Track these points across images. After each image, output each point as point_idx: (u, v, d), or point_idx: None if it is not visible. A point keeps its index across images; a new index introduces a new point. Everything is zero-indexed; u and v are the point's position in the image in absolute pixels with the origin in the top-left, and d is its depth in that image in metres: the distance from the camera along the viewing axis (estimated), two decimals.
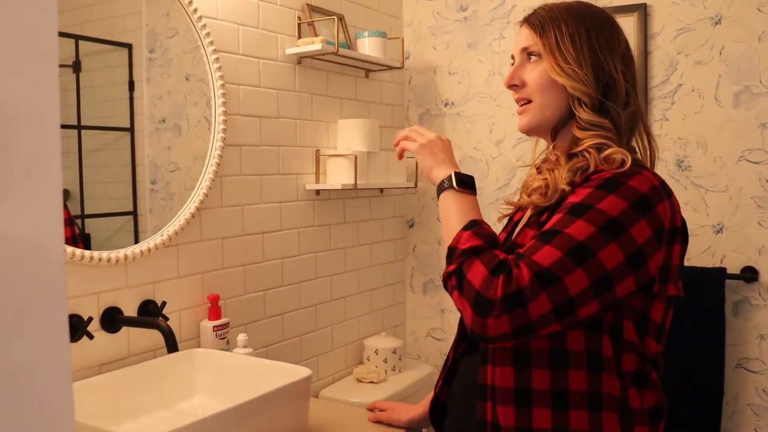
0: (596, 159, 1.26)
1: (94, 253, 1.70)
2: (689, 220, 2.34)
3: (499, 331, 1.13)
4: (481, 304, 1.13)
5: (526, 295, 1.11)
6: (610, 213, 1.16)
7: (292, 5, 2.34)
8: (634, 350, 1.24)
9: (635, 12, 2.40)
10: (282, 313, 2.32)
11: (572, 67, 1.30)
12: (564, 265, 1.12)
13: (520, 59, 1.38)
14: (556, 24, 1.33)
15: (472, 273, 1.16)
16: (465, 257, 1.19)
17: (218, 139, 2.02)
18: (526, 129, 1.40)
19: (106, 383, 1.63)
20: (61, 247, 0.49)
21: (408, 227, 3.00)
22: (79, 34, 1.75)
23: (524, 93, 1.37)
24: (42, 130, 0.47)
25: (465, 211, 1.29)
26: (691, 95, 2.35)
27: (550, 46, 1.32)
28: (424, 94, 2.93)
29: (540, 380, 1.21)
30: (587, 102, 1.30)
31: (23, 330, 0.46)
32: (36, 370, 0.47)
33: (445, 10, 2.85)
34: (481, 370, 1.28)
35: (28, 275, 0.46)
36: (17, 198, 0.45)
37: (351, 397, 2.39)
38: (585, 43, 1.31)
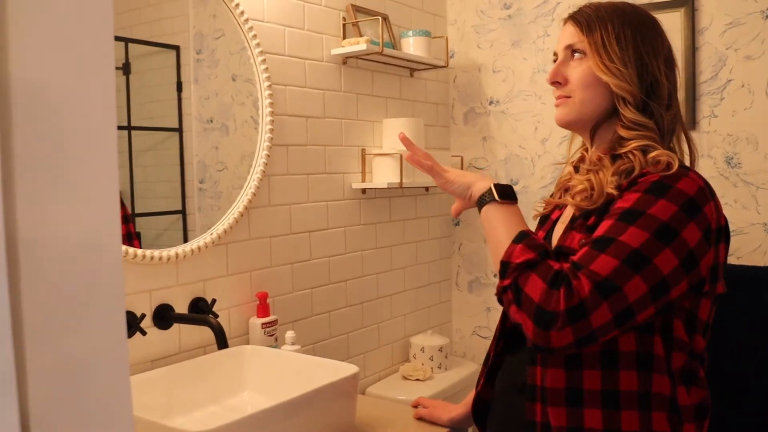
0: (641, 161, 1.26)
1: (147, 251, 1.73)
2: (739, 218, 2.31)
3: (562, 342, 1.13)
4: (543, 317, 1.13)
5: (587, 307, 1.11)
6: (661, 218, 1.16)
7: (337, 6, 2.36)
8: (684, 348, 1.24)
9: (682, 7, 2.37)
10: (329, 311, 2.35)
11: (617, 66, 1.30)
12: (622, 274, 1.13)
13: (564, 56, 1.38)
14: (602, 23, 1.33)
15: (530, 287, 1.16)
16: (520, 271, 1.18)
17: (266, 140, 2.05)
18: (562, 122, 1.40)
19: (159, 378, 1.66)
20: (118, 245, 0.50)
21: (454, 225, 3.00)
22: (128, 37, 1.79)
23: (566, 90, 1.37)
24: (99, 132, 0.48)
25: (511, 222, 1.28)
26: (741, 91, 2.31)
27: (595, 44, 1.32)
28: (469, 93, 2.93)
29: (591, 381, 1.22)
30: (631, 101, 1.30)
31: (83, 326, 0.47)
32: (95, 364, 0.48)
33: (488, 8, 2.85)
34: (530, 371, 1.28)
35: (87, 273, 0.48)
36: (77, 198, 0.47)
37: (397, 395, 2.40)
38: (630, 44, 1.31)
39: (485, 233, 1.33)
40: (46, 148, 0.45)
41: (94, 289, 0.48)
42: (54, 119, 0.45)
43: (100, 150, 0.48)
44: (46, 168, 0.45)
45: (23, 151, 0.43)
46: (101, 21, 0.48)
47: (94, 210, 0.48)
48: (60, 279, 0.46)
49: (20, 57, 0.43)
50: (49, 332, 0.45)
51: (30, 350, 0.44)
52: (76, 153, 0.47)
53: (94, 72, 0.48)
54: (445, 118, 2.96)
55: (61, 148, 0.46)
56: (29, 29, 0.43)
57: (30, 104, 0.44)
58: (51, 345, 0.45)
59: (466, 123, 2.94)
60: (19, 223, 0.43)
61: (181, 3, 1.92)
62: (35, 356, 0.44)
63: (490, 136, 2.88)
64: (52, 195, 0.45)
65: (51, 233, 0.45)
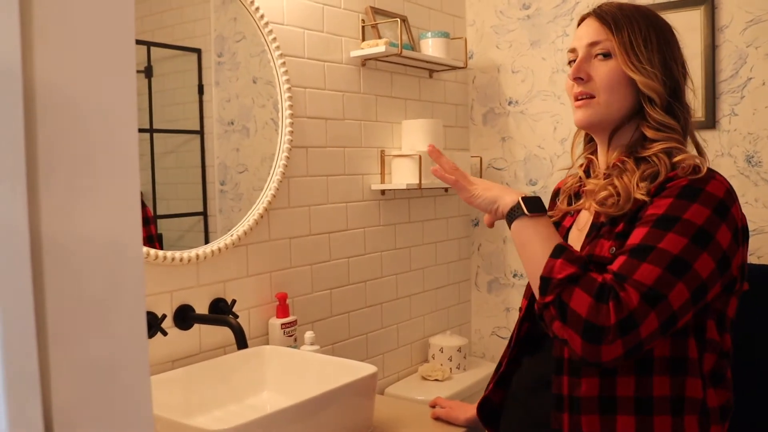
0: (666, 164, 1.25)
1: (168, 252, 1.75)
2: (760, 217, 2.30)
3: (612, 355, 1.13)
4: (592, 331, 1.12)
5: (637, 318, 1.11)
6: (696, 222, 1.16)
7: (356, 8, 2.38)
8: (715, 349, 1.25)
9: (702, 5, 2.36)
10: (348, 312, 2.36)
11: (645, 65, 1.30)
12: (667, 282, 1.13)
13: (586, 53, 1.36)
14: (629, 22, 1.32)
15: (575, 301, 1.15)
16: (563, 286, 1.17)
17: (285, 141, 2.07)
18: (586, 124, 1.38)
19: (179, 378, 1.68)
20: (139, 247, 0.51)
21: (473, 226, 3.01)
22: (150, 41, 1.81)
23: (589, 87, 1.35)
24: (120, 134, 0.49)
25: (544, 236, 1.25)
26: (762, 89, 2.30)
27: (623, 44, 1.31)
28: (488, 93, 2.93)
29: (625, 387, 1.21)
30: (658, 101, 1.30)
31: (105, 327, 0.48)
32: (117, 364, 0.49)
33: (507, 8, 2.85)
34: (556, 381, 1.28)
35: (108, 275, 0.48)
36: (99, 200, 0.48)
37: (416, 395, 2.41)
38: (655, 46, 1.32)
39: (517, 247, 1.29)
40: (69, 151, 0.46)
41: (115, 290, 0.49)
42: (76, 123, 0.46)
43: (121, 153, 0.49)
44: (68, 171, 0.46)
45: (47, 154, 0.44)
46: (123, 26, 0.49)
47: (115, 212, 0.49)
48: (82, 280, 0.47)
49: (44, 62, 0.44)
50: (71, 333, 0.46)
51: (53, 350, 0.45)
52: (97, 156, 0.48)
53: (116, 76, 0.49)
54: (464, 119, 2.96)
55: (83, 151, 0.47)
56: (53, 36, 0.44)
57: (53, 108, 0.45)
58: (74, 345, 0.46)
59: (485, 123, 2.94)
60: (43, 225, 0.44)
61: (202, 6, 1.94)
62: (58, 356, 0.45)
63: (509, 137, 2.88)
64: (74, 197, 0.46)
65: (73, 235, 0.46)
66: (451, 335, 2.70)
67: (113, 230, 0.49)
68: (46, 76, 0.44)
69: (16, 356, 0.43)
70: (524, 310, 1.46)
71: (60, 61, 0.45)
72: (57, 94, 0.45)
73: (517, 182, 2.84)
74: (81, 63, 0.46)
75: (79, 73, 0.46)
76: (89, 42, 0.47)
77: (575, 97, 1.37)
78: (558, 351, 1.28)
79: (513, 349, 1.47)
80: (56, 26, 0.45)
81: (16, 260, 0.43)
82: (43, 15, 0.44)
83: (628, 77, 1.31)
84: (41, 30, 0.44)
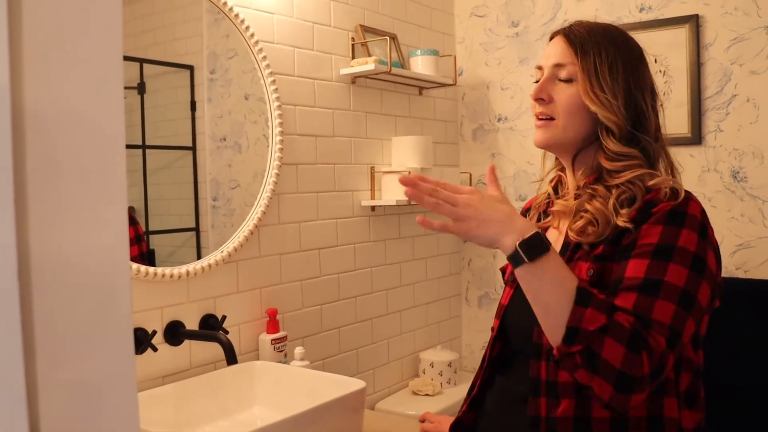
0: (642, 189, 1.24)
1: (158, 269, 1.77)
2: (746, 232, 2.32)
3: (639, 400, 1.12)
4: (626, 382, 1.09)
5: (665, 362, 1.11)
6: (690, 249, 1.17)
7: (346, 27, 2.40)
8: (691, 368, 1.25)
9: (687, 23, 2.39)
10: (338, 327, 2.37)
11: (607, 96, 1.28)
12: (681, 318, 1.13)
13: (551, 73, 1.34)
14: (596, 48, 1.31)
15: (608, 352, 1.09)
16: (594, 338, 1.10)
17: (275, 159, 2.08)
18: (543, 144, 1.37)
19: (169, 394, 1.69)
20: (126, 264, 0.52)
21: (463, 242, 3.02)
22: (143, 58, 1.82)
23: (549, 109, 1.33)
24: (108, 153, 0.50)
25: (557, 281, 1.14)
26: (746, 105, 2.33)
27: (587, 70, 1.29)
28: (477, 110, 2.96)
29: (600, 408, 1.20)
30: (616, 132, 1.29)
31: (92, 343, 0.49)
32: (103, 383, 0.49)
33: (496, 26, 2.88)
34: (533, 402, 1.26)
35: (96, 291, 0.49)
36: (85, 216, 0.48)
37: (406, 410, 2.41)
38: (620, 74, 1.30)
39: (526, 294, 1.18)
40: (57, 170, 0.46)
41: (102, 307, 0.49)
42: (63, 142, 0.47)
43: (108, 171, 0.50)
44: (56, 189, 0.46)
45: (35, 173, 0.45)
46: (110, 47, 0.50)
47: (103, 229, 0.49)
48: (69, 298, 0.47)
49: (33, 83, 0.45)
50: (58, 350, 0.46)
51: (40, 368, 0.45)
52: (85, 174, 0.48)
53: (104, 95, 0.50)
54: (453, 136, 2.99)
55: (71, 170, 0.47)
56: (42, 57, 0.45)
57: (42, 128, 0.45)
58: (60, 363, 0.47)
59: (474, 140, 2.97)
60: (31, 243, 0.44)
61: (194, 24, 1.96)
62: (45, 374, 0.45)
63: (499, 153, 2.90)
64: (62, 215, 0.47)
65: (61, 253, 0.47)
66: (441, 350, 2.72)
67: (101, 248, 0.49)
68: (34, 96, 0.45)
69: (3, 374, 0.44)
70: (496, 329, 1.45)
71: (48, 81, 0.46)
72: (45, 114, 0.45)
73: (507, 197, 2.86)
74: (69, 83, 0.47)
75: (67, 92, 0.47)
76: (77, 62, 0.48)
77: (536, 116, 1.37)
78: (535, 372, 1.27)
79: (486, 369, 1.46)
80: (45, 48, 0.46)
81: (4, 278, 0.44)
82: (32, 38, 0.45)
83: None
84: (30, 52, 0.44)
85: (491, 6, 2.90)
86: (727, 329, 2.06)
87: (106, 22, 0.50)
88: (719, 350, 2.05)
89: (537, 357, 1.27)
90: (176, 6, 1.92)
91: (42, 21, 0.45)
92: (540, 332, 1.26)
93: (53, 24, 0.46)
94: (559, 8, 2.71)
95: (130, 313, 0.52)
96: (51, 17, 0.46)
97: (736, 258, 2.35)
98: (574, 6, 2.65)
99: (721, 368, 2.05)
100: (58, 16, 0.47)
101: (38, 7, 0.45)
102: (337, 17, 2.37)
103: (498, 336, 1.45)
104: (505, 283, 1.51)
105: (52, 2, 0.46)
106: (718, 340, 2.03)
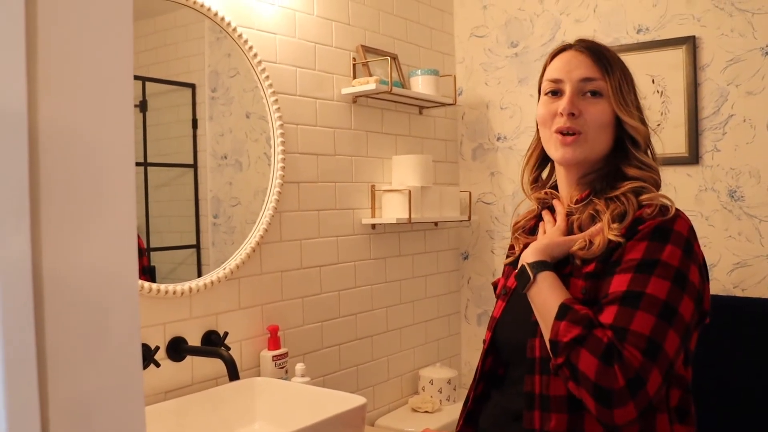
0: (634, 205, 1.27)
1: (161, 285, 1.78)
2: (743, 251, 2.34)
3: (626, 418, 1.12)
4: (603, 395, 1.12)
5: (643, 376, 1.11)
6: (673, 264, 1.18)
7: (347, 47, 2.43)
8: (681, 384, 1.26)
9: (684, 44, 2.42)
10: (339, 344, 2.39)
11: (631, 109, 1.33)
12: (660, 329, 1.14)
13: (578, 88, 1.34)
14: (618, 65, 1.35)
15: (583, 364, 1.14)
16: (570, 348, 1.16)
17: (277, 177, 2.10)
18: (575, 161, 1.35)
19: (172, 409, 1.70)
20: (135, 279, 0.53)
21: (462, 259, 3.04)
22: (145, 76, 1.84)
23: (579, 124, 1.33)
24: (118, 171, 0.51)
25: (547, 295, 1.25)
26: (743, 125, 2.35)
27: (615, 87, 1.32)
28: (477, 129, 2.98)
29: (592, 423, 1.21)
30: (642, 144, 1.34)
31: (101, 358, 0.49)
32: (112, 397, 0.50)
33: (496, 46, 2.91)
34: (527, 416, 1.27)
35: (106, 306, 0.50)
36: (96, 232, 0.49)
37: (406, 426, 2.42)
38: (632, 90, 1.36)
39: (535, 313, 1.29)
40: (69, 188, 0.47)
41: (112, 323, 0.50)
42: (76, 160, 0.48)
43: (118, 188, 0.51)
44: (68, 206, 0.47)
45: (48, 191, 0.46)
46: (122, 68, 0.51)
47: (113, 245, 0.50)
48: (81, 313, 0.48)
49: (48, 105, 0.46)
50: (69, 365, 0.47)
51: (51, 384, 0.46)
52: (95, 191, 0.49)
53: (115, 115, 0.51)
54: (453, 154, 3.01)
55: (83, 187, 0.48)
56: (56, 79, 0.47)
57: (56, 145, 0.46)
58: (71, 378, 0.47)
59: (474, 159, 2.99)
60: (44, 260, 0.45)
61: (197, 42, 1.98)
62: (57, 389, 0.46)
63: (498, 172, 2.93)
64: (74, 232, 0.48)
65: (74, 269, 0.48)
66: (441, 367, 2.73)
67: (109, 262, 0.50)
68: (49, 117, 0.46)
69: (17, 389, 0.44)
70: (488, 342, 1.46)
71: (62, 102, 0.47)
72: (59, 134, 0.47)
73: (505, 216, 2.89)
74: (82, 104, 0.48)
75: (79, 113, 0.48)
76: (90, 83, 0.49)
77: (562, 131, 1.34)
78: (529, 386, 1.28)
79: (479, 384, 1.47)
80: (59, 71, 0.47)
81: (20, 296, 0.45)
82: (47, 61, 0.46)
83: (614, 119, 1.32)
84: (45, 74, 0.46)
85: (491, 26, 2.93)
86: (725, 347, 2.08)
87: (118, 44, 0.51)
88: (717, 367, 2.07)
89: (531, 371, 1.28)
90: (178, 25, 1.95)
91: (56, 44, 0.47)
92: (533, 347, 1.28)
93: (67, 52, 0.48)
94: (558, 29, 2.74)
95: (138, 329, 0.52)
96: (65, 40, 0.47)
97: (733, 276, 2.37)
98: (572, 27, 2.69)
99: (719, 385, 2.06)
100: (71, 40, 0.48)
101: (53, 29, 0.46)
102: (338, 37, 2.40)
103: (489, 349, 1.46)
104: (497, 297, 1.52)
105: (67, 27, 0.48)
106: (715, 358, 2.04)
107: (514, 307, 1.42)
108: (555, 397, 1.24)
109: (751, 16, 2.33)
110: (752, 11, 2.32)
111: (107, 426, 0.50)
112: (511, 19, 2.87)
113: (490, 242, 2.96)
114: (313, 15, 2.30)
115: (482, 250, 2.98)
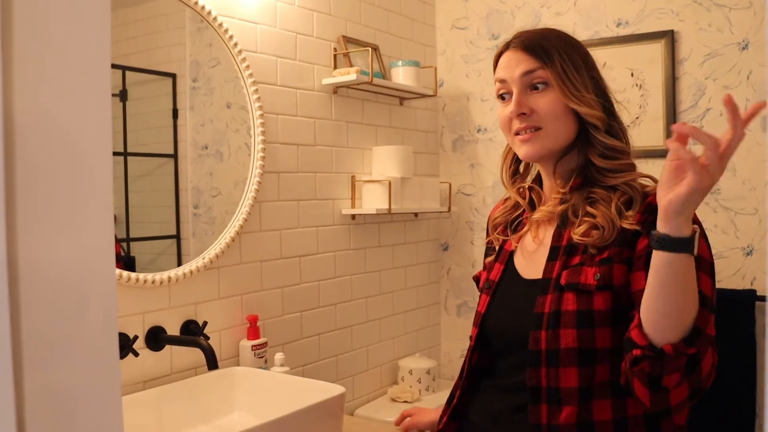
0: (639, 191, 1.27)
1: (140, 275, 1.78)
2: (720, 242, 2.37)
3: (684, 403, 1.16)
4: (698, 393, 1.14)
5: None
6: (706, 257, 1.20)
7: (328, 37, 2.43)
8: None
9: (663, 38, 2.44)
10: (318, 334, 2.39)
11: (582, 93, 1.31)
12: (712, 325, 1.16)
13: (521, 84, 1.34)
14: (556, 51, 1.32)
15: (706, 363, 1.12)
16: (709, 344, 1.12)
17: (257, 167, 2.10)
18: (536, 157, 1.36)
19: (150, 399, 1.71)
20: (112, 270, 0.53)
21: (442, 250, 3.06)
22: (125, 65, 1.83)
23: (533, 120, 1.33)
24: (95, 161, 0.51)
25: (694, 277, 1.10)
26: (720, 120, 2.37)
27: (559, 74, 1.30)
28: (458, 121, 2.99)
29: (601, 411, 1.22)
30: (601, 126, 1.32)
31: (78, 348, 0.49)
32: (89, 386, 0.50)
33: (477, 38, 2.92)
34: (533, 410, 1.26)
35: (82, 297, 0.50)
36: (72, 223, 0.49)
37: (385, 416, 2.43)
38: (584, 71, 1.33)
39: (671, 281, 1.09)
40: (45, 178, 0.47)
41: (89, 313, 0.50)
42: (52, 150, 0.48)
43: (95, 178, 0.51)
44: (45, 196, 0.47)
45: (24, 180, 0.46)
46: (99, 58, 0.51)
47: (89, 236, 0.50)
48: (56, 304, 0.48)
49: (24, 92, 0.46)
50: (45, 357, 0.47)
51: (27, 375, 0.45)
52: (72, 181, 0.49)
53: (92, 105, 0.51)
54: (434, 146, 3.02)
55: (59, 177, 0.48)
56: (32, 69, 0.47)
57: (32, 136, 0.46)
58: (47, 369, 0.47)
59: (454, 150, 3.01)
60: (20, 251, 0.45)
61: (178, 32, 1.97)
62: (32, 380, 0.46)
63: (478, 163, 2.94)
64: (49, 222, 0.47)
65: (49, 260, 0.47)
66: (420, 358, 2.74)
67: (87, 254, 0.50)
68: (25, 107, 0.46)
69: None
70: (474, 338, 1.45)
71: (38, 93, 0.47)
72: (35, 125, 0.47)
73: (485, 207, 2.90)
74: (58, 94, 0.48)
75: (56, 103, 0.48)
76: (67, 73, 0.49)
77: (519, 132, 1.35)
78: (534, 380, 1.26)
79: (465, 380, 1.46)
80: (35, 60, 0.47)
81: None
82: (22, 50, 0.46)
83: (569, 107, 1.32)
84: (20, 64, 0.46)
85: (472, 18, 2.94)
86: None
87: (95, 34, 0.51)
88: None
89: (535, 364, 1.26)
90: (159, 14, 1.93)
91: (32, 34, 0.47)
92: (538, 339, 1.26)
93: (43, 41, 0.47)
94: (539, 22, 2.75)
95: (115, 319, 0.52)
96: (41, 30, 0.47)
97: None
98: (553, 20, 2.70)
99: None
100: (47, 30, 0.48)
101: (28, 17, 0.46)
102: (319, 28, 2.40)
103: (476, 346, 1.45)
104: (480, 291, 1.51)
105: (43, 16, 0.47)
106: None
107: (504, 299, 1.41)
108: (565, 389, 1.23)
109: (728, 11, 2.35)
110: (729, 6, 2.34)
111: (84, 416, 0.50)
112: (493, 12, 2.88)
113: (469, 233, 2.97)
114: (295, 5, 2.30)
115: (462, 242, 3.00)
